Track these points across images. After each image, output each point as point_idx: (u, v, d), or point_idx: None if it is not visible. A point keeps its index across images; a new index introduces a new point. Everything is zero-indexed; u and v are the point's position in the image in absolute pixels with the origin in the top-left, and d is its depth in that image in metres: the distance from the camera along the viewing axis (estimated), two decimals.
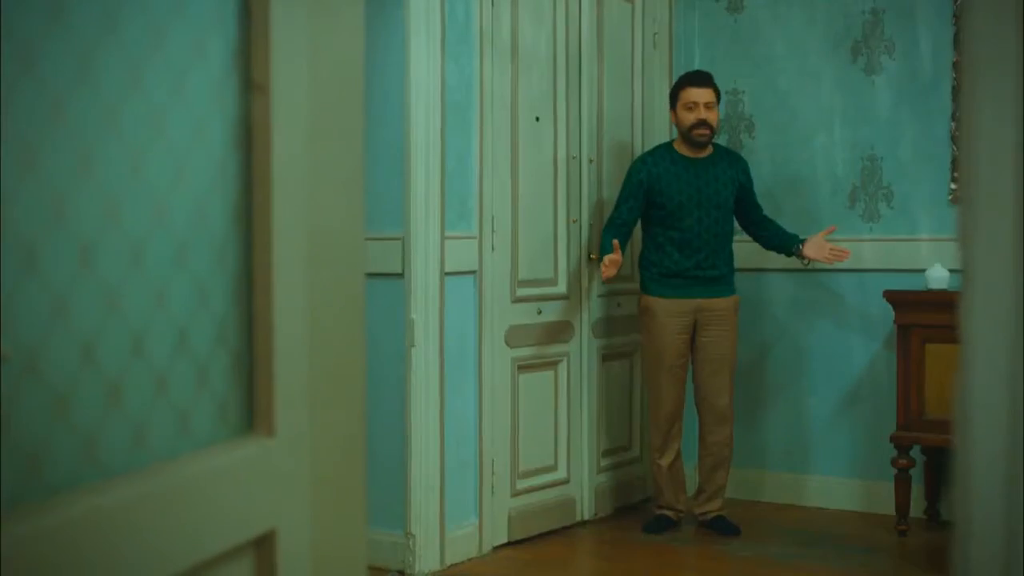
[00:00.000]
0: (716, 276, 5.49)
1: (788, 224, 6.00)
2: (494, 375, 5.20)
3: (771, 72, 6.16)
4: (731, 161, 5.61)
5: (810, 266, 5.68)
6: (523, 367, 5.36)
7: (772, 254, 5.86)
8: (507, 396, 5.28)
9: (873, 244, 5.86)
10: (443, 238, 4.91)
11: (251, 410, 1.51)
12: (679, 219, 5.45)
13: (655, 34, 6.20)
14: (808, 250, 5.48)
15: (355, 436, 1.67)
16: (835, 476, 6.02)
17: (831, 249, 5.47)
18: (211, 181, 1.43)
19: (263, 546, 1.51)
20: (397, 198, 4.82)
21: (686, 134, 5.49)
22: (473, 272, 5.11)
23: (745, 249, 5.90)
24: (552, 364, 5.55)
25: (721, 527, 5.51)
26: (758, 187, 6.07)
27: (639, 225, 5.63)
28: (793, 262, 5.92)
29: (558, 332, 5.59)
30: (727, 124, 6.27)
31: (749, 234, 5.73)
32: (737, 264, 6.08)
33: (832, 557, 5.11)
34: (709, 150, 5.58)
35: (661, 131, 6.18)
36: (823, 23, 6.02)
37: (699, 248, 5.46)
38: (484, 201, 5.13)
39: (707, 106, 5.46)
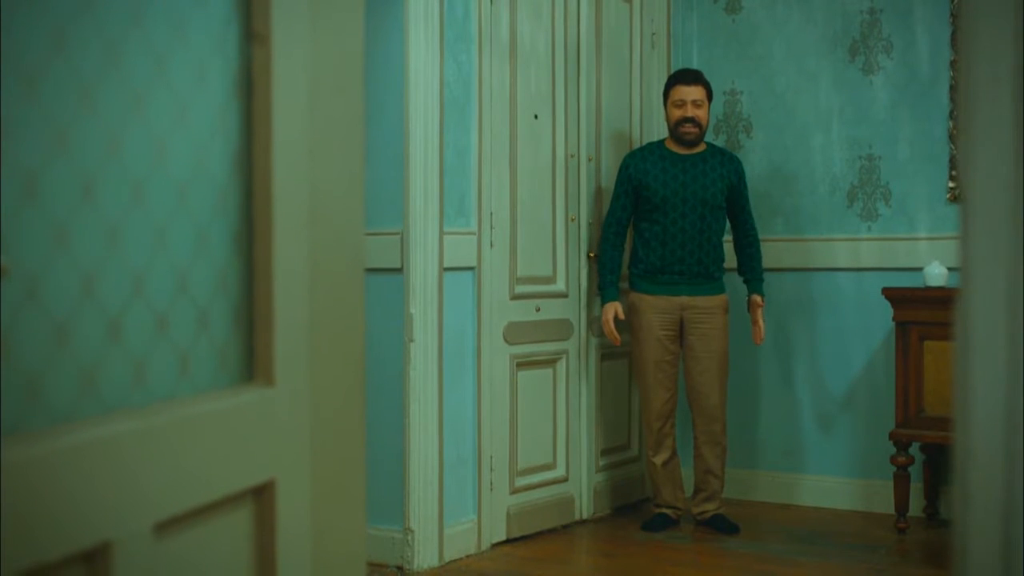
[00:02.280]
0: (701, 273, 5.44)
1: (787, 224, 6.01)
2: (493, 372, 5.20)
3: (769, 72, 6.17)
4: (723, 160, 5.54)
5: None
6: (522, 364, 5.36)
7: (770, 252, 5.89)
8: (506, 393, 5.28)
9: (871, 243, 5.86)
10: (442, 234, 4.91)
11: (251, 359, 1.51)
12: (663, 213, 5.42)
13: (653, 34, 6.21)
14: (750, 305, 5.55)
15: (354, 390, 1.68)
16: (834, 475, 6.01)
17: (753, 327, 5.56)
18: (212, 127, 1.44)
19: (262, 496, 1.51)
20: (396, 194, 4.82)
21: (673, 131, 5.48)
22: (472, 268, 5.11)
23: None
24: (551, 362, 5.55)
25: (719, 525, 5.49)
26: (756, 187, 6.08)
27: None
28: (794, 261, 5.95)
29: (557, 330, 5.59)
30: (725, 124, 6.28)
31: (734, 237, 5.66)
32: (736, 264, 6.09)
33: (831, 554, 5.10)
34: (701, 147, 5.53)
35: (660, 131, 6.18)
36: (821, 23, 6.04)
37: (683, 243, 5.42)
38: (483, 197, 5.13)
39: (695, 104, 5.43)
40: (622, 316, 5.45)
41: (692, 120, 5.43)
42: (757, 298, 5.54)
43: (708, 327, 5.44)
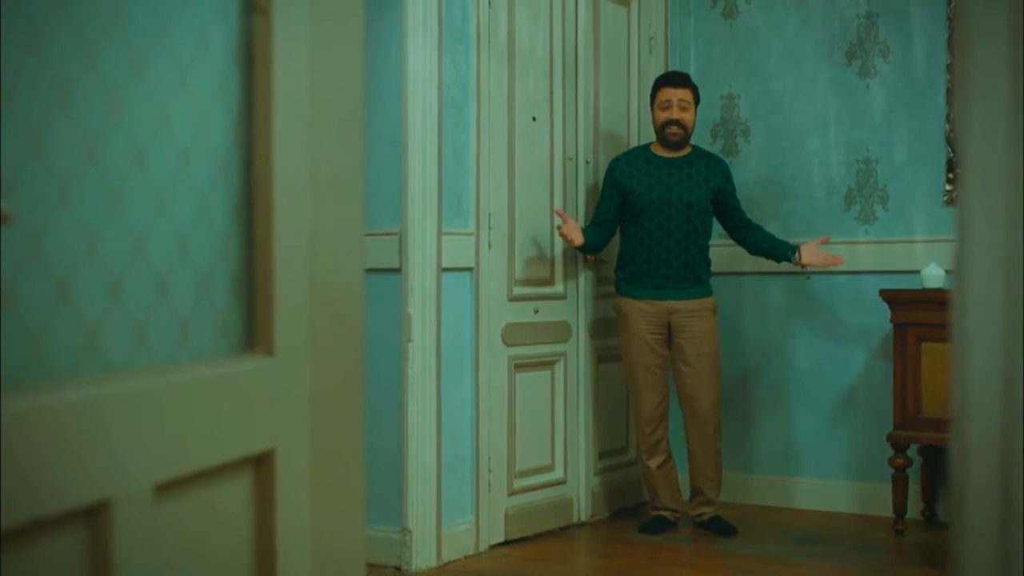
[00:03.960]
0: (688, 277, 5.41)
1: (784, 228, 6.01)
2: (491, 373, 5.20)
3: (766, 76, 6.19)
4: (709, 163, 5.52)
5: (808, 270, 5.67)
6: (520, 366, 5.36)
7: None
8: (504, 394, 5.28)
9: (868, 246, 5.87)
10: (440, 234, 4.92)
11: (251, 328, 1.52)
12: (648, 218, 5.39)
13: (651, 38, 6.23)
14: (805, 256, 5.48)
15: (354, 363, 1.68)
16: (832, 479, 6.01)
17: (827, 256, 5.49)
18: (213, 95, 1.45)
19: (262, 465, 1.52)
20: (395, 194, 4.83)
21: (659, 133, 5.47)
22: (470, 269, 5.12)
23: (742, 252, 5.90)
24: (549, 364, 5.55)
25: (717, 527, 5.47)
26: (753, 191, 6.09)
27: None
28: (788, 265, 5.93)
29: (555, 332, 5.59)
30: (723, 128, 6.29)
31: (733, 239, 5.67)
32: (734, 268, 6.09)
33: (830, 555, 5.09)
34: (686, 151, 5.51)
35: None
36: (818, 27, 6.05)
37: (669, 247, 5.39)
38: (481, 199, 5.14)
39: (681, 106, 5.42)
40: (579, 239, 5.34)
41: (677, 122, 5.42)
42: (799, 251, 5.47)
43: (696, 329, 5.40)
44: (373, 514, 4.81)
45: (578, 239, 5.37)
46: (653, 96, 5.54)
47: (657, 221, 5.40)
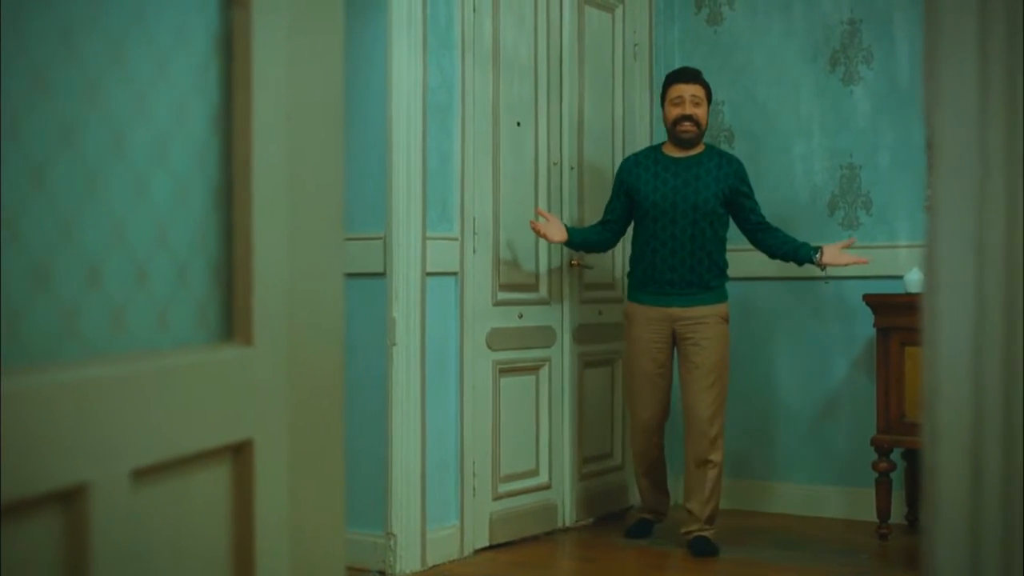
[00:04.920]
0: (695, 283, 5.19)
1: None
2: (475, 377, 5.21)
3: (750, 82, 6.22)
4: (721, 163, 5.27)
5: (827, 273, 5.57)
6: (504, 370, 5.37)
7: (755, 261, 5.87)
8: (488, 399, 5.28)
9: (852, 251, 5.88)
10: (424, 238, 4.93)
11: (230, 318, 1.52)
12: (653, 220, 5.22)
13: (635, 44, 6.25)
14: (827, 257, 5.25)
15: (333, 354, 1.68)
16: (816, 484, 6.02)
17: (850, 256, 5.30)
18: (192, 84, 1.45)
19: (240, 455, 1.52)
20: (379, 198, 4.83)
21: (671, 130, 5.28)
22: (455, 273, 5.12)
23: (734, 258, 5.89)
24: (534, 369, 5.56)
25: (696, 548, 5.16)
26: None
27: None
28: (775, 270, 5.96)
29: (540, 337, 5.60)
30: (708, 134, 6.30)
31: (752, 243, 5.41)
32: None
33: (813, 559, 5.10)
34: (698, 149, 5.31)
35: (643, 141, 6.22)
36: (801, 34, 6.08)
37: (674, 251, 5.20)
38: (466, 203, 5.15)
39: (693, 102, 5.23)
40: (559, 236, 5.27)
41: (690, 118, 5.23)
42: (821, 251, 5.27)
43: (700, 337, 5.19)
44: (357, 518, 4.81)
45: (557, 236, 5.27)
46: (664, 93, 5.37)
47: (662, 224, 5.23)
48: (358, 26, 4.78)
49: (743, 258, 5.86)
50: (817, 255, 5.26)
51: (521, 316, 5.48)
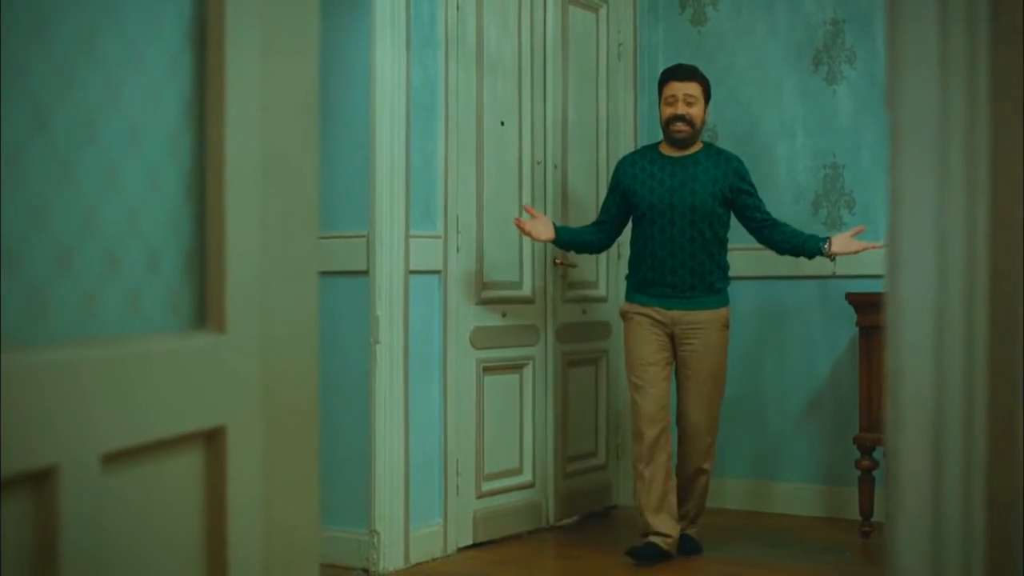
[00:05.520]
0: (695, 286, 5.02)
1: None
2: (459, 376, 5.22)
3: (734, 83, 6.23)
4: (719, 161, 5.10)
5: (835, 260, 5.24)
6: (488, 369, 5.37)
7: (738, 260, 5.88)
8: (472, 397, 5.29)
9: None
10: (408, 236, 4.94)
11: (203, 305, 1.53)
12: (651, 222, 5.05)
13: (620, 44, 6.27)
14: (836, 246, 5.01)
15: (307, 342, 1.69)
16: (800, 483, 6.04)
17: (860, 243, 5.05)
18: (166, 73, 1.46)
19: (213, 441, 1.53)
20: (363, 196, 4.84)
21: (665, 129, 5.14)
22: (438, 272, 5.13)
23: None
24: (517, 367, 5.57)
25: (681, 546, 5.10)
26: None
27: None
28: (761, 270, 5.98)
29: (523, 335, 5.61)
30: None
31: (759, 241, 5.23)
32: None
33: (798, 557, 5.12)
34: (695, 148, 5.14)
35: (627, 141, 6.24)
36: (785, 34, 6.11)
37: (672, 253, 5.02)
38: (449, 202, 5.16)
39: (687, 101, 5.06)
40: (546, 235, 5.12)
41: (683, 118, 5.06)
42: (830, 241, 5.03)
43: (698, 342, 5.02)
44: (341, 515, 4.82)
45: (544, 234, 5.12)
46: (660, 91, 5.22)
47: (659, 225, 5.06)
48: (342, 25, 4.78)
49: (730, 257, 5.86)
50: (826, 245, 5.03)
51: (504, 315, 5.49)
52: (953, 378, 1.13)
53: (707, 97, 5.19)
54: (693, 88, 5.10)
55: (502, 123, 5.47)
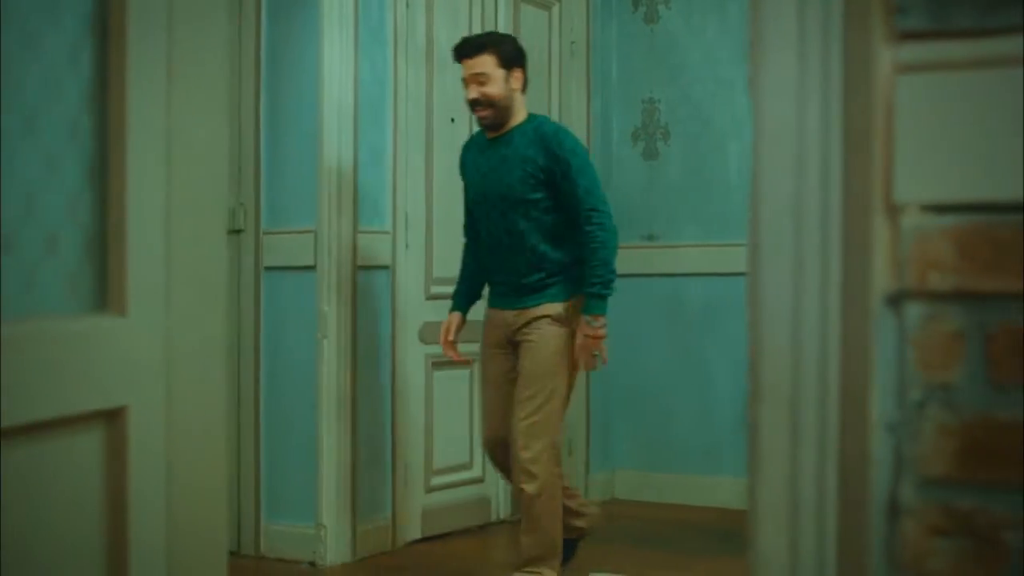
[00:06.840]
0: (521, 285, 4.34)
1: (704, 231, 6.10)
2: (407, 371, 5.25)
3: (686, 81, 6.29)
4: (531, 140, 4.30)
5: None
6: (437, 364, 5.40)
7: (686, 257, 5.96)
8: (421, 392, 5.32)
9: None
10: (356, 232, 4.96)
11: (104, 289, 1.55)
12: (476, 217, 4.49)
13: (572, 42, 6.31)
14: (579, 339, 4.25)
15: (214, 326, 1.72)
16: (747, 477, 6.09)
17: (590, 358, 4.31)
18: (65, 59, 1.49)
19: (114, 422, 1.55)
20: (310, 191, 4.87)
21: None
22: (387, 267, 5.16)
23: (660, 253, 5.97)
24: (466, 362, 5.59)
25: None
26: (674, 194, 6.17)
27: None
28: (713, 266, 6.04)
29: (472, 331, 5.62)
30: (643, 132, 6.37)
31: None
32: (647, 269, 6.15)
33: (746, 550, 5.17)
34: (510, 125, 4.37)
35: (580, 139, 6.26)
36: (735, 32, 6.16)
37: (492, 248, 4.41)
38: (398, 198, 5.19)
39: (479, 80, 4.32)
40: (452, 332, 4.58)
41: (478, 102, 4.35)
42: (584, 324, 4.23)
43: (528, 340, 4.33)
44: (288, 509, 4.85)
45: (456, 324, 4.60)
46: None
47: (479, 218, 4.47)
48: (289, 21, 4.81)
49: (670, 254, 5.93)
50: (588, 317, 4.23)
51: None
52: (808, 351, 1.17)
53: (509, 63, 4.38)
54: (482, 63, 4.33)
55: (452, 120, 5.50)
